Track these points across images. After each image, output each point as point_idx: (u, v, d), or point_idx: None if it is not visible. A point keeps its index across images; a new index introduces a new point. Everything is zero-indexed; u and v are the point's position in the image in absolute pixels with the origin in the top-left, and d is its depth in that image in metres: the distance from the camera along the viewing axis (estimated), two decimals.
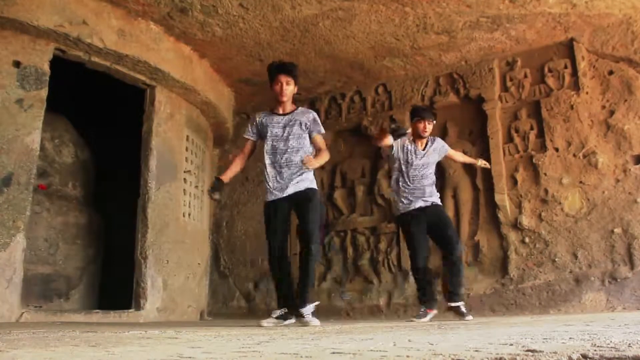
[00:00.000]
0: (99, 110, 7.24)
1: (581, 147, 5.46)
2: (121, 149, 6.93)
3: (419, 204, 4.35)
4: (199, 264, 6.45)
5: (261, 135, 3.91)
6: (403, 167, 4.44)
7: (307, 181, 3.78)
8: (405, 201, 4.38)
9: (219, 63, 6.30)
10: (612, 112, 5.41)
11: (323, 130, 3.88)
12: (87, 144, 6.62)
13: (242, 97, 7.17)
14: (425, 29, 5.50)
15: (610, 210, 5.22)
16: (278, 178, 3.76)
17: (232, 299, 6.97)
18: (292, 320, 3.63)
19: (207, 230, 6.96)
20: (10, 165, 4.49)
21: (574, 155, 5.48)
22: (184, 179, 6.18)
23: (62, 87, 5.30)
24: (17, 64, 4.70)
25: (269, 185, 3.80)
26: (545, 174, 5.56)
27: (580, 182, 5.40)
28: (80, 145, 6.44)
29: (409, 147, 4.46)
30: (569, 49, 5.72)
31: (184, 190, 6.18)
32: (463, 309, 4.22)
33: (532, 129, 5.77)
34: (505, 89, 6.01)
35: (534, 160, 5.65)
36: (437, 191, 4.54)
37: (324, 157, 3.83)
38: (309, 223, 3.69)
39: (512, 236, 5.61)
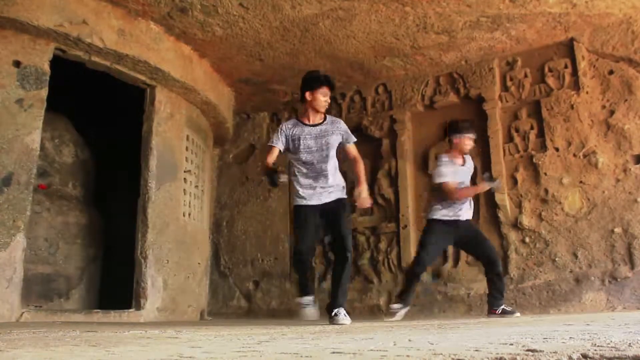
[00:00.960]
0: (99, 109, 7.24)
1: (581, 146, 5.46)
2: (121, 149, 6.93)
3: (456, 217, 4.52)
4: (199, 263, 6.45)
5: (290, 146, 3.87)
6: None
7: (339, 191, 3.90)
8: (446, 210, 4.51)
9: (219, 63, 6.30)
10: (612, 112, 5.41)
11: (355, 139, 3.97)
12: (87, 144, 6.62)
13: (242, 97, 7.17)
14: (425, 28, 5.50)
15: (610, 210, 5.22)
16: (312, 187, 3.81)
17: (232, 299, 6.97)
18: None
19: (207, 230, 6.95)
20: (11, 165, 4.49)
21: (574, 155, 5.48)
22: (184, 178, 6.18)
23: (62, 86, 5.29)
24: (17, 63, 4.69)
25: (301, 192, 3.82)
26: (545, 174, 5.56)
27: (581, 181, 5.40)
28: (80, 144, 6.44)
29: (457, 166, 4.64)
30: (569, 48, 5.72)
31: (184, 190, 6.18)
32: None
33: (532, 128, 5.77)
34: (505, 88, 6.01)
35: (534, 160, 5.65)
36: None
37: (362, 169, 3.95)
38: (343, 231, 3.80)
39: (512, 236, 5.61)
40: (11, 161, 4.49)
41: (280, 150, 3.88)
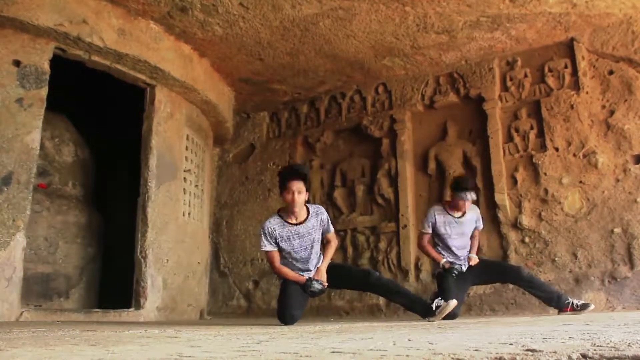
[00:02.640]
0: (99, 109, 7.23)
1: (581, 146, 5.46)
2: (121, 148, 6.93)
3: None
4: (198, 263, 6.45)
5: (277, 244, 3.81)
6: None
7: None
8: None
9: (219, 62, 6.29)
10: (612, 112, 5.41)
11: (333, 229, 3.96)
12: (87, 143, 6.62)
13: (242, 97, 7.17)
14: (425, 28, 5.50)
15: (610, 210, 5.22)
16: (300, 271, 3.82)
17: (231, 298, 6.97)
18: None
19: (207, 229, 6.95)
20: (10, 164, 4.49)
21: (574, 155, 5.48)
22: (184, 178, 6.18)
23: (62, 86, 5.29)
24: (17, 63, 4.69)
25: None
26: (545, 174, 5.56)
27: (580, 181, 5.40)
28: (80, 144, 6.44)
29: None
30: (569, 48, 5.72)
31: (184, 189, 6.17)
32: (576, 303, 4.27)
33: (532, 128, 5.77)
34: (505, 88, 6.01)
35: (534, 160, 5.65)
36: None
37: (331, 251, 3.93)
38: (352, 269, 4.03)
39: (512, 236, 5.61)
40: (11, 160, 4.49)
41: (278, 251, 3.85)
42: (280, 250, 3.80)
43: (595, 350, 1.26)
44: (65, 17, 4.76)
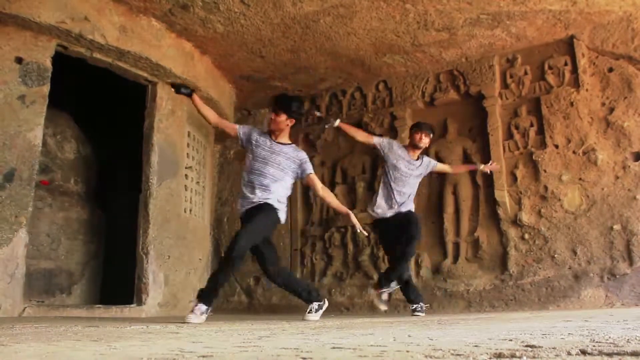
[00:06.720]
0: (100, 106, 7.24)
1: (581, 144, 5.47)
2: (123, 145, 6.94)
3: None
4: (200, 259, 6.47)
5: (244, 146, 4.01)
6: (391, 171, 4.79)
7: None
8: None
9: (220, 59, 6.30)
10: (611, 109, 5.42)
11: (312, 170, 3.99)
12: (89, 140, 6.63)
13: (243, 94, 7.17)
14: (425, 25, 5.50)
15: (609, 207, 5.23)
16: (251, 194, 3.88)
17: (232, 295, 6.99)
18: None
19: (208, 225, 6.97)
20: (13, 161, 4.50)
21: (574, 152, 5.49)
22: (185, 174, 6.20)
23: (64, 83, 5.30)
24: (19, 60, 4.69)
25: (247, 195, 3.90)
26: (545, 171, 5.58)
27: (580, 178, 5.41)
28: (82, 141, 6.45)
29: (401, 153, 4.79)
30: (569, 46, 5.72)
31: (186, 186, 6.19)
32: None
33: (532, 125, 5.78)
34: (505, 85, 6.02)
35: (533, 157, 5.66)
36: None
37: (333, 197, 4.13)
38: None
39: (512, 232, 5.63)
40: (13, 157, 4.51)
41: (235, 134, 4.01)
42: (253, 156, 3.91)
43: (594, 346, 1.28)
44: (67, 15, 4.76)
